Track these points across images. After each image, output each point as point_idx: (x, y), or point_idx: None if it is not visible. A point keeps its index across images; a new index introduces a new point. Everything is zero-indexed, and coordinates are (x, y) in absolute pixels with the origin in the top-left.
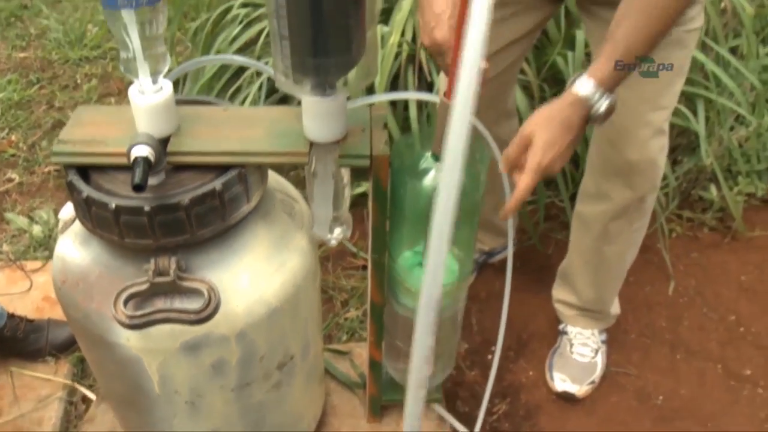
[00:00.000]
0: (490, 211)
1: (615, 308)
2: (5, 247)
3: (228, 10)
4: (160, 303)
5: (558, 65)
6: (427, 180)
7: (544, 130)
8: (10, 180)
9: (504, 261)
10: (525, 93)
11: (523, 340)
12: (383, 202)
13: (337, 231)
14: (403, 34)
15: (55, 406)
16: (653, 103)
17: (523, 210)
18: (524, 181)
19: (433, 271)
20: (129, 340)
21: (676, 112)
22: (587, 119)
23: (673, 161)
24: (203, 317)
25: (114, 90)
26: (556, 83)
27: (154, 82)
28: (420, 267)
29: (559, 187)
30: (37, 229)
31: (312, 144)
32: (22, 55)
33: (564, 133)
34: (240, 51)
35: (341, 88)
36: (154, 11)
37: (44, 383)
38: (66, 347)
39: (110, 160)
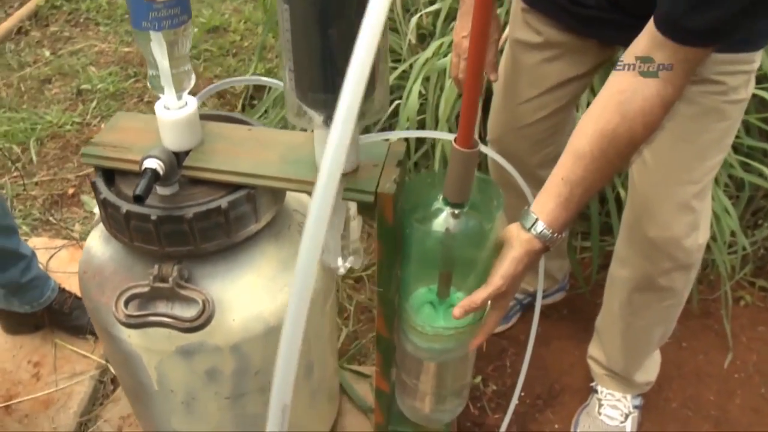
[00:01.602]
0: None
1: (646, 376)
2: (76, 227)
3: None
4: (162, 307)
5: None
6: (435, 224)
7: (521, 277)
8: None
9: (550, 306)
10: None
11: (555, 391)
12: (388, 239)
13: (347, 260)
14: None
15: (86, 382)
16: (680, 177)
17: (573, 257)
18: (497, 316)
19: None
20: (130, 336)
21: (756, 171)
22: (546, 249)
23: (754, 224)
24: (194, 326)
25: (200, 88)
26: None
27: (179, 98)
28: (429, 306)
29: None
30: None
31: None
32: (126, 49)
33: (528, 268)
34: None
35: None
36: (179, 33)
37: (81, 359)
38: None
39: (131, 166)
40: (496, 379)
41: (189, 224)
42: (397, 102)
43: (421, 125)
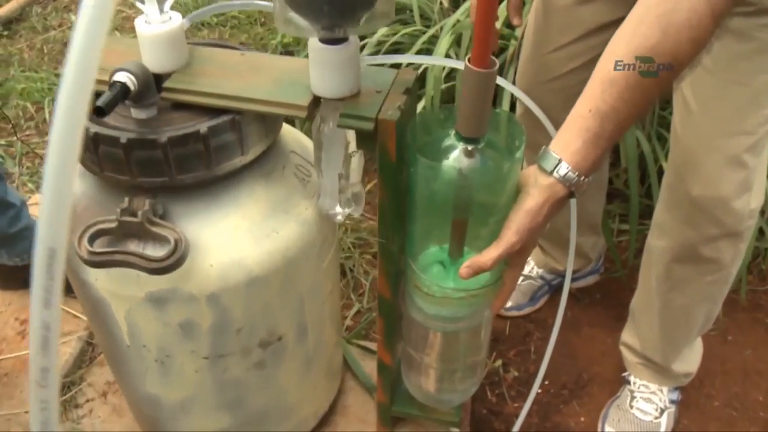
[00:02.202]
0: (565, 226)
1: (685, 366)
2: None
3: None
4: (133, 246)
5: None
6: (445, 162)
7: (541, 228)
8: None
9: (582, 290)
10: None
11: (583, 381)
12: (391, 178)
13: (347, 206)
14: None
15: (73, 343)
16: (731, 126)
17: (609, 240)
18: (516, 274)
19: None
20: (98, 280)
21: None
22: (571, 194)
23: None
24: (163, 267)
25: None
26: None
27: (161, 11)
28: (439, 265)
29: None
30: None
31: (319, 101)
32: None
33: (552, 215)
34: None
35: (352, 37)
36: None
37: (70, 319)
38: None
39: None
40: (519, 365)
41: (163, 150)
42: (425, 66)
43: (449, 92)
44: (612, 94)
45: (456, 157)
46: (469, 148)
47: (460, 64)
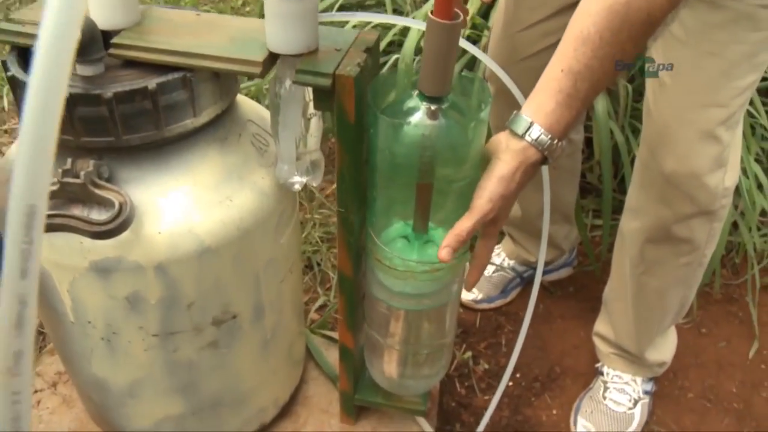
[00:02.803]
0: (538, 215)
1: (659, 355)
2: None
3: None
4: (77, 211)
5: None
6: (407, 122)
7: (514, 195)
8: None
9: (555, 283)
10: (608, 95)
11: (555, 374)
12: (350, 140)
13: (305, 174)
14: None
15: None
16: (704, 97)
17: (584, 233)
18: (490, 245)
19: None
20: None
21: None
22: (545, 160)
23: None
24: (105, 230)
25: None
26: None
27: None
28: (404, 240)
29: None
30: None
31: (276, 58)
32: None
33: (525, 182)
34: None
35: None
36: None
37: None
38: None
39: None
40: (489, 358)
41: (108, 106)
42: (396, 56)
43: None
44: (585, 53)
45: (419, 118)
46: (433, 107)
47: (419, 24)
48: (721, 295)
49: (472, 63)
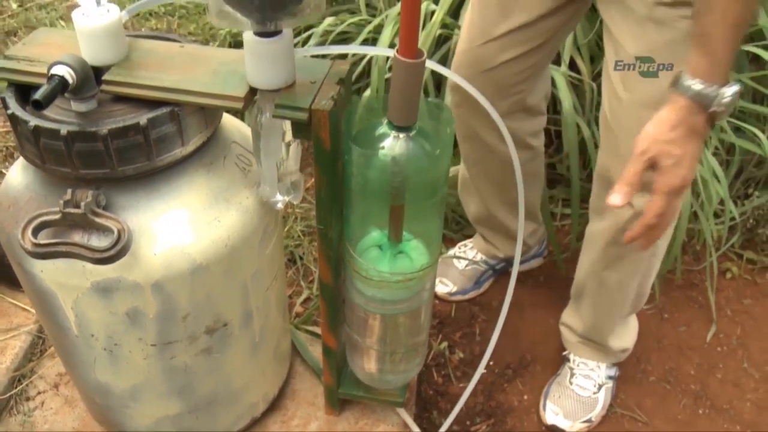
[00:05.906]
0: (506, 213)
1: (622, 342)
2: None
3: None
4: (77, 237)
5: None
6: (379, 150)
7: (670, 146)
8: None
9: (526, 273)
10: (575, 92)
11: (526, 361)
12: (327, 166)
13: (287, 194)
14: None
15: (23, 337)
16: (655, 112)
17: (549, 225)
18: (657, 204)
19: None
20: (43, 271)
21: (749, 136)
22: (711, 118)
23: (744, 194)
24: (106, 257)
25: None
26: None
27: (98, 3)
28: (377, 249)
29: None
30: None
31: (256, 92)
32: None
33: (690, 144)
34: None
35: (286, 30)
36: None
37: (19, 312)
38: None
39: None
40: (464, 347)
41: (104, 142)
42: (370, 57)
43: None
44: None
45: (389, 145)
46: (401, 135)
47: (392, 52)
48: (682, 281)
49: (445, 59)
